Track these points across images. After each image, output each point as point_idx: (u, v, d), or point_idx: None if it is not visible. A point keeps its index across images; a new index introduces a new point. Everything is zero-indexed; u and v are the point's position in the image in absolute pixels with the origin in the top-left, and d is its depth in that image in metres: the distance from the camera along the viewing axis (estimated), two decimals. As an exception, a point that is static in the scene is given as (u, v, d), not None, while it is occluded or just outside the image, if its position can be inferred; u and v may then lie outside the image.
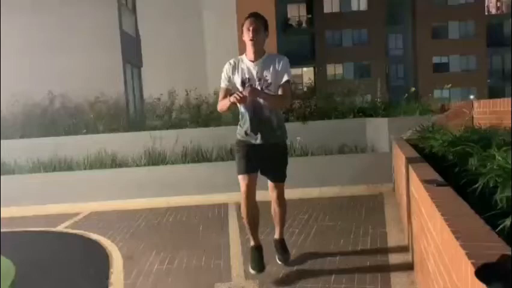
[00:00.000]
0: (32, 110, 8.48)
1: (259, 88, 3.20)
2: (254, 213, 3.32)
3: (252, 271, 3.32)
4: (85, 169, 6.67)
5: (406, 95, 9.06)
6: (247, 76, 3.25)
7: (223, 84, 3.34)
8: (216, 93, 8.81)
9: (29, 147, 7.08)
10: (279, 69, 3.24)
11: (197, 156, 6.80)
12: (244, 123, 3.33)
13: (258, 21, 3.22)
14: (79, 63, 10.26)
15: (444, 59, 34.57)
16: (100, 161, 6.82)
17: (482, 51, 33.65)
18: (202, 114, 8.36)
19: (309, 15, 34.57)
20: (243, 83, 3.25)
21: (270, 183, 3.43)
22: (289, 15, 34.69)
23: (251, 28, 3.18)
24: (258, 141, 3.29)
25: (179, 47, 17.98)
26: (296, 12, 34.95)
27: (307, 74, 32.72)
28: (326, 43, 33.93)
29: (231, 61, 3.35)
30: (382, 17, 33.29)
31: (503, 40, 33.36)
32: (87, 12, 10.57)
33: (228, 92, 3.28)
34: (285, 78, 3.24)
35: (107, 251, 4.21)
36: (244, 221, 3.37)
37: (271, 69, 3.23)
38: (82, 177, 6.39)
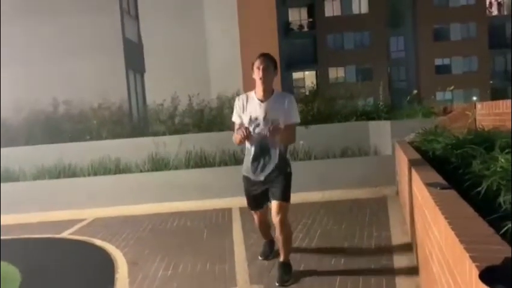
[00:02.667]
0: (36, 116, 8.52)
1: (266, 127, 3.28)
2: (266, 227, 3.80)
3: (259, 257, 3.79)
4: (89, 175, 6.70)
5: (408, 97, 9.06)
6: (255, 115, 3.34)
7: (235, 119, 3.48)
8: (219, 98, 8.88)
9: (34, 154, 7.12)
10: (288, 110, 3.36)
11: (200, 161, 6.81)
12: (250, 158, 3.41)
13: (268, 61, 3.34)
14: (82, 70, 10.33)
15: (446, 61, 34.53)
16: (103, 167, 6.84)
17: (484, 52, 33.60)
18: (205, 119, 8.38)
19: (311, 19, 34.65)
20: (251, 122, 3.35)
21: (273, 205, 3.39)
22: (290, 19, 34.78)
23: (261, 67, 3.30)
24: (263, 177, 3.41)
25: (182, 52, 18.03)
26: (297, 16, 35.04)
27: (309, 77, 32.75)
28: (328, 46, 33.97)
29: (241, 98, 3.46)
30: (383, 20, 33.31)
31: (505, 41, 33.31)
32: (90, 20, 10.65)
33: (242, 126, 3.39)
34: (294, 120, 3.40)
35: (112, 256, 4.22)
36: (259, 232, 3.90)
37: (279, 110, 3.34)
38: (86, 184, 6.41)
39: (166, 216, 5.62)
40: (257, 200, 3.54)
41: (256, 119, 3.32)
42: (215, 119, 8.37)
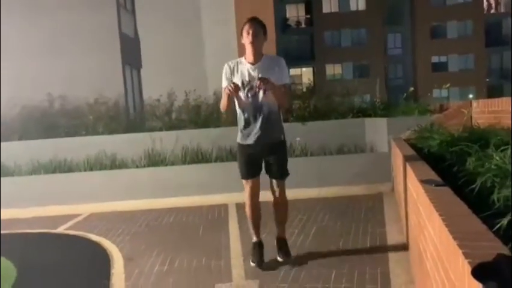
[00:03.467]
0: (31, 112, 8.48)
1: (260, 89, 3.29)
2: (257, 212, 3.56)
3: (252, 264, 3.53)
4: (85, 170, 6.68)
5: (405, 94, 9.08)
6: (247, 78, 3.35)
7: (224, 85, 3.43)
8: (215, 94, 8.86)
9: (29, 149, 7.09)
10: (279, 72, 3.38)
11: (197, 157, 6.81)
12: (242, 123, 3.44)
13: (257, 25, 3.36)
14: (78, 65, 10.28)
15: (443, 59, 34.64)
16: (99, 162, 6.83)
17: (480, 50, 33.72)
18: (201, 115, 8.38)
19: (308, 16, 34.62)
20: (244, 85, 3.36)
21: (271, 181, 3.52)
22: (288, 15, 34.74)
23: (250, 31, 3.31)
24: (256, 141, 3.40)
25: (179, 48, 17.98)
26: (295, 13, 35.00)
27: (306, 74, 32.77)
28: (325, 43, 33.98)
29: (230, 63, 3.46)
30: (381, 17, 33.33)
31: (501, 39, 33.42)
32: (86, 14, 10.59)
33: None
34: (285, 81, 3.42)
35: (108, 252, 4.22)
36: (248, 219, 3.60)
37: (270, 72, 3.34)
38: (82, 179, 6.40)
39: (162, 211, 5.62)
40: (251, 164, 3.44)
41: (248, 82, 3.34)
42: (212, 115, 8.36)
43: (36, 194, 6.14)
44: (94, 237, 4.73)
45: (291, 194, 3.61)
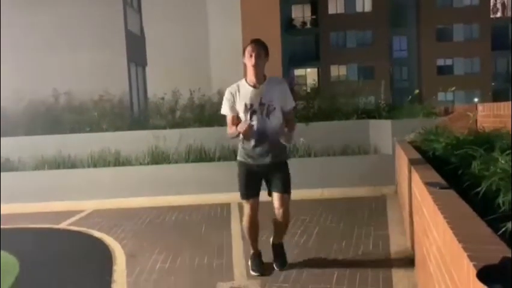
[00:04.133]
0: (37, 107, 8.51)
1: (263, 113, 3.29)
2: (256, 229, 3.50)
3: (253, 273, 3.45)
4: (88, 167, 6.71)
5: (410, 97, 9.05)
6: (249, 102, 3.31)
7: (227, 112, 3.43)
8: (219, 94, 8.87)
9: (34, 145, 7.12)
10: (283, 95, 3.38)
11: (200, 155, 6.82)
12: (249, 146, 3.36)
13: (260, 47, 3.33)
14: (83, 62, 10.31)
15: (448, 62, 34.49)
16: (103, 159, 6.85)
17: (486, 53, 33.55)
18: (205, 114, 8.38)
19: (314, 16, 34.55)
20: (246, 110, 3.31)
21: (275, 196, 3.41)
22: (293, 16, 34.68)
23: (253, 54, 3.29)
24: (261, 162, 3.36)
25: (184, 46, 18.00)
26: (301, 13, 34.94)
27: (311, 74, 32.71)
28: (330, 44, 33.90)
29: (231, 89, 3.41)
30: (386, 19, 33.23)
31: (508, 43, 33.24)
32: (92, 11, 10.62)
33: (235, 119, 3.39)
34: (290, 105, 3.43)
35: (110, 248, 4.23)
36: (246, 234, 3.55)
37: (274, 94, 3.33)
38: (85, 175, 6.42)
39: (164, 209, 5.63)
40: (253, 184, 3.39)
41: (251, 105, 3.30)
42: (215, 114, 8.34)
43: (40, 189, 6.17)
44: (97, 234, 4.74)
45: (293, 194, 3.59)
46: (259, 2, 22.13)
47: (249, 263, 3.54)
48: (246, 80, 3.38)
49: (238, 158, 3.46)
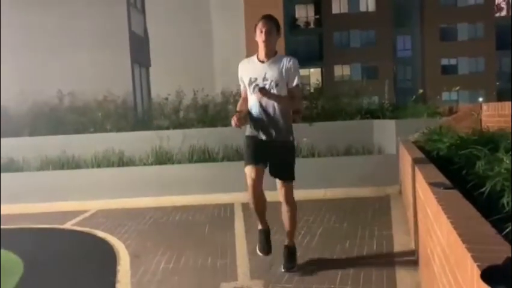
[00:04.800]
0: (41, 108, 8.55)
1: (266, 88, 3.29)
2: (261, 201, 3.36)
3: (259, 253, 3.48)
4: (92, 167, 6.73)
5: (414, 97, 9.02)
6: (254, 76, 3.35)
7: (241, 85, 3.54)
8: (223, 94, 8.89)
9: (38, 145, 7.15)
10: (289, 72, 3.34)
11: (203, 156, 6.82)
12: (252, 121, 3.42)
13: (271, 23, 3.33)
14: (87, 63, 10.34)
15: (452, 61, 34.38)
16: (107, 159, 6.87)
17: (491, 53, 33.40)
18: (209, 115, 8.39)
19: (317, 16, 34.54)
20: (250, 83, 3.37)
21: (278, 183, 3.45)
22: (297, 16, 34.70)
23: (264, 29, 3.29)
24: (264, 137, 3.37)
25: (188, 47, 18.02)
26: (304, 13, 34.94)
27: (314, 74, 32.69)
28: (334, 44, 33.88)
29: (242, 63, 3.50)
30: (390, 19, 33.16)
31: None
32: (96, 12, 10.65)
33: (245, 92, 3.49)
34: (295, 82, 3.38)
35: (114, 248, 4.24)
36: (252, 208, 3.42)
37: (279, 70, 3.33)
38: (89, 175, 6.44)
39: (168, 209, 5.64)
40: (255, 151, 3.31)
41: (255, 79, 3.33)
42: (219, 114, 8.37)
43: (44, 189, 6.20)
44: (101, 234, 4.76)
45: (297, 194, 3.59)
46: (262, 2, 22.14)
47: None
48: (257, 55, 3.41)
49: (246, 133, 3.48)
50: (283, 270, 3.43)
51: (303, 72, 33.03)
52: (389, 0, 33.08)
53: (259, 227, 3.52)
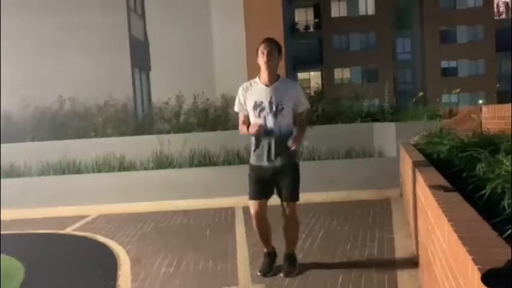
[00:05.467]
0: (42, 113, 8.57)
1: (271, 112, 3.30)
2: (265, 228, 3.49)
3: (258, 273, 3.46)
4: (93, 172, 6.73)
5: (414, 99, 9.03)
6: (260, 99, 3.34)
7: (239, 110, 3.48)
8: (223, 98, 8.90)
9: (39, 150, 7.16)
10: (297, 96, 3.41)
11: (204, 160, 6.83)
12: (258, 148, 3.39)
13: (272, 45, 3.36)
14: (88, 67, 10.38)
15: (452, 64, 34.39)
16: (108, 164, 6.87)
17: (491, 55, 33.42)
18: (209, 119, 8.40)
19: (317, 20, 34.61)
20: (255, 107, 3.35)
21: (282, 203, 3.45)
22: (296, 20, 34.76)
23: (265, 52, 3.31)
24: (271, 164, 3.36)
25: (188, 51, 18.06)
26: (304, 17, 35.02)
27: (314, 78, 32.74)
28: (334, 47, 33.92)
29: (244, 85, 3.47)
30: (390, 21, 33.22)
31: (512, 45, 33.08)
32: (97, 17, 10.70)
33: (246, 118, 3.45)
34: (304, 107, 3.48)
35: (115, 253, 4.24)
36: (257, 235, 3.56)
37: (285, 94, 3.35)
38: (90, 180, 6.45)
39: (169, 214, 5.64)
40: (260, 185, 3.37)
41: (261, 103, 3.33)
42: (219, 118, 8.39)
43: (45, 194, 6.20)
44: (102, 239, 4.75)
45: (298, 197, 3.59)
46: (262, 6, 22.19)
47: None
48: (259, 78, 3.41)
49: (250, 161, 3.49)
50: (282, 275, 3.41)
51: (303, 75, 33.15)
52: (389, 3, 33.14)
53: (265, 250, 3.58)
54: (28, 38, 10.65)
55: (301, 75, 33.22)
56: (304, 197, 3.58)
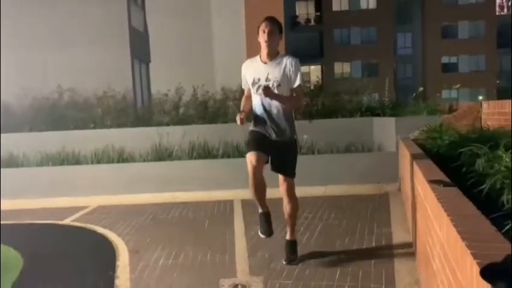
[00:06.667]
0: (41, 104, 8.54)
1: (269, 87, 3.34)
2: (261, 186, 3.38)
3: (261, 235, 3.51)
4: (92, 163, 6.72)
5: (414, 94, 9.01)
6: (257, 76, 3.42)
7: (243, 85, 3.63)
8: (223, 90, 8.88)
9: (38, 141, 7.15)
10: (291, 72, 3.40)
11: (203, 152, 6.82)
12: (255, 120, 3.48)
13: (273, 24, 3.40)
14: (87, 58, 10.33)
15: (453, 59, 34.32)
16: (107, 155, 6.86)
17: (492, 51, 33.35)
18: (209, 111, 8.38)
19: (318, 13, 34.45)
20: (254, 83, 3.43)
21: (280, 179, 3.52)
22: (297, 13, 34.60)
23: (266, 30, 3.36)
24: (267, 135, 3.43)
25: (188, 43, 17.99)
26: (305, 10, 34.85)
27: (314, 72, 32.64)
28: (334, 41, 33.81)
29: (245, 63, 3.58)
30: (391, 16, 33.08)
31: (513, 41, 32.98)
32: (97, 8, 10.63)
33: (248, 93, 3.57)
34: (297, 82, 3.42)
35: (114, 244, 4.25)
36: (251, 193, 3.42)
37: (281, 70, 3.39)
38: (89, 171, 6.44)
39: (168, 206, 5.64)
40: (262, 143, 3.35)
41: (258, 79, 3.40)
42: (219, 110, 8.37)
43: (44, 185, 6.20)
44: (100, 230, 4.76)
45: (297, 191, 3.60)
46: (263, -2, 22.08)
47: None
48: (260, 56, 3.46)
49: (250, 128, 3.52)
50: (284, 262, 3.49)
51: (304, 69, 32.79)
52: (390, -2, 32.98)
53: (260, 210, 3.52)
54: (28, 28, 10.59)
55: (301, 69, 33.02)
56: (303, 191, 3.61)
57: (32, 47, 10.48)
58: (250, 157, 3.27)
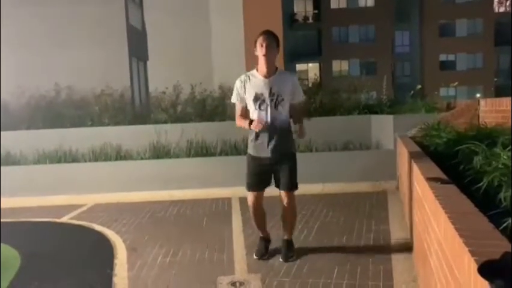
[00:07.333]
0: (38, 101, 8.51)
1: (272, 103, 3.37)
2: (261, 216, 3.66)
3: (254, 256, 3.59)
4: (89, 161, 6.71)
5: (412, 92, 9.02)
6: (260, 91, 3.39)
7: (237, 102, 3.53)
8: (221, 88, 8.86)
9: (35, 139, 7.12)
10: (294, 89, 3.48)
11: (201, 150, 6.81)
12: (253, 135, 3.46)
13: (271, 38, 3.40)
14: (85, 56, 10.29)
15: (451, 57, 34.36)
16: (104, 153, 6.85)
17: (489, 49, 33.39)
18: (207, 109, 8.37)
19: (316, 11, 34.41)
20: (256, 99, 3.39)
21: (281, 193, 3.53)
22: (295, 11, 34.54)
23: (264, 44, 3.35)
24: (270, 154, 3.42)
25: (186, 41, 17.94)
26: (303, 8, 34.80)
27: (312, 69, 32.63)
28: (332, 39, 33.78)
29: (242, 78, 3.50)
30: (389, 14, 33.06)
31: (511, 39, 33.03)
32: (94, 5, 10.58)
33: (244, 110, 3.50)
34: (300, 98, 3.56)
35: (112, 242, 4.24)
36: (253, 222, 3.72)
37: (285, 85, 3.42)
38: (86, 169, 6.43)
39: (166, 204, 5.64)
40: (259, 177, 3.47)
41: (261, 94, 3.39)
42: (217, 108, 8.35)
43: (41, 183, 6.18)
44: (98, 227, 4.75)
45: (295, 189, 3.60)
46: (261, -4, 22.02)
47: None
48: (257, 70, 3.45)
49: (248, 151, 3.54)
50: (281, 260, 3.51)
51: (302, 67, 33.01)
52: (388, -4, 32.97)
53: (261, 234, 3.73)
54: (25, 27, 10.53)
55: (299, 67, 33.09)
56: (301, 189, 3.60)
57: (29, 45, 10.42)
58: (251, 196, 3.49)
